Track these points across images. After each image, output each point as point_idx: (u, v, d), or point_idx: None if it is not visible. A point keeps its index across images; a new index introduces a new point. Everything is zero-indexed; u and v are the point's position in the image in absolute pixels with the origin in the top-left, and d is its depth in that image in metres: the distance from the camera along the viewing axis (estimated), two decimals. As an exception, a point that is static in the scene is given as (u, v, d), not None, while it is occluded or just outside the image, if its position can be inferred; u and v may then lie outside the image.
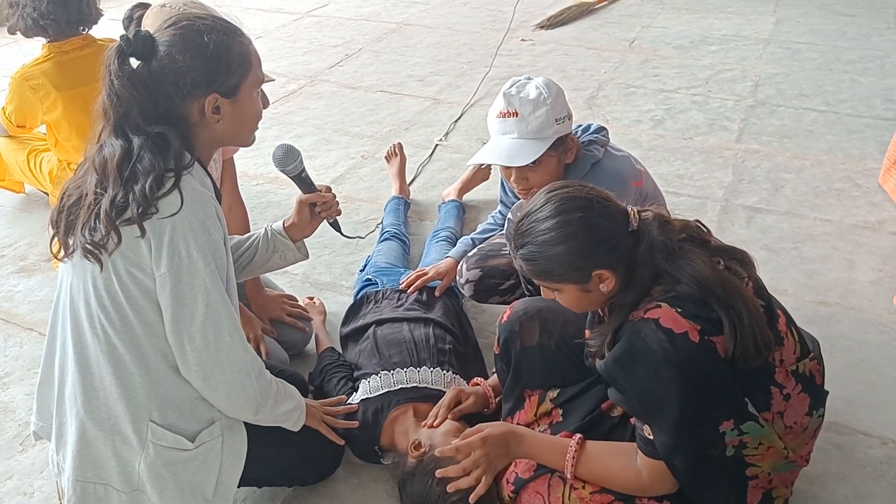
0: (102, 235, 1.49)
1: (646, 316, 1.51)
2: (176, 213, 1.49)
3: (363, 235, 2.87)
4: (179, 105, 1.55)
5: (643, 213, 1.60)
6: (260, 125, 1.72)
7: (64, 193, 1.61)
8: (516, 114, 2.06)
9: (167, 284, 1.51)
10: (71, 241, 1.57)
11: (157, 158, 1.50)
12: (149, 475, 1.63)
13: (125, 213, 1.48)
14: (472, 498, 1.72)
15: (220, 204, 1.66)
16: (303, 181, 2.01)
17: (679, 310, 1.49)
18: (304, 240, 2.04)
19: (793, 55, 4.81)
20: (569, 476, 1.68)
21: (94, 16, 2.92)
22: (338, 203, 2.05)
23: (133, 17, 2.29)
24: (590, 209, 1.55)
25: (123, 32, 2.30)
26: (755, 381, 1.56)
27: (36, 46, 2.99)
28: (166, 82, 1.52)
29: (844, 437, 2.11)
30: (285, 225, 2.01)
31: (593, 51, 4.97)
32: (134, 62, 1.52)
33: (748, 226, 3.06)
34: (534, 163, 2.06)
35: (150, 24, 2.16)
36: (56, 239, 1.61)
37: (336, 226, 2.09)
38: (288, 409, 1.78)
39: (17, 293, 2.80)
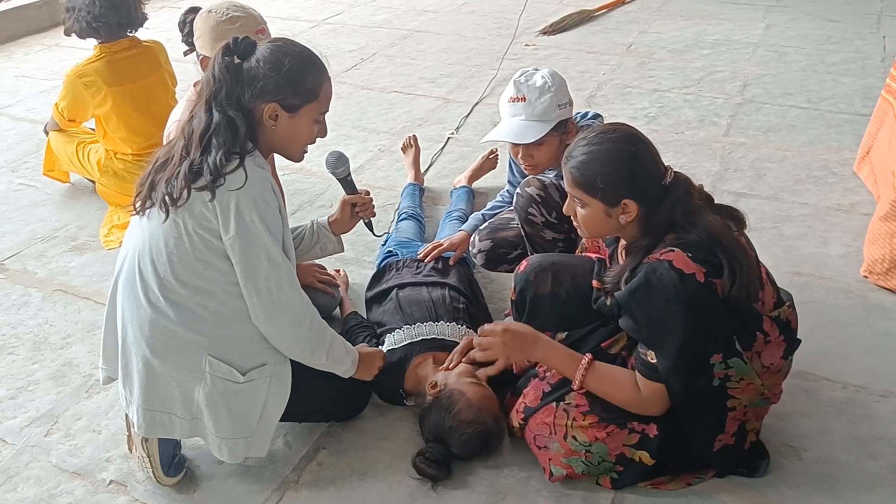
0: (178, 191, 1.81)
1: (661, 258, 1.78)
2: (241, 188, 1.81)
3: (389, 231, 3.17)
4: (251, 101, 1.88)
5: (677, 174, 1.87)
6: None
7: (155, 159, 1.94)
8: (524, 98, 2.36)
9: (236, 245, 1.83)
10: (152, 196, 1.88)
11: (229, 137, 1.83)
12: (206, 403, 1.91)
13: (199, 179, 1.80)
14: (480, 374, 2.10)
15: None
16: (348, 184, 2.38)
17: (689, 254, 1.76)
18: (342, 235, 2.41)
19: (780, 57, 5.11)
20: (576, 385, 1.95)
21: (141, 19, 3.24)
22: (374, 206, 2.41)
23: (186, 21, 2.62)
24: (645, 151, 1.84)
25: (179, 33, 2.65)
26: (744, 324, 1.83)
27: (70, 52, 3.28)
28: (248, 80, 1.87)
29: (811, 382, 2.39)
30: (329, 220, 2.38)
31: (593, 54, 5.28)
32: (236, 59, 1.87)
33: (733, 208, 3.35)
34: (538, 142, 2.37)
35: (199, 26, 2.47)
36: (139, 197, 1.92)
37: (370, 226, 2.47)
38: (341, 359, 2.08)
39: (72, 268, 3.11)
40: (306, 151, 2.04)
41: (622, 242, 2.00)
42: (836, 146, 3.89)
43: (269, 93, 1.87)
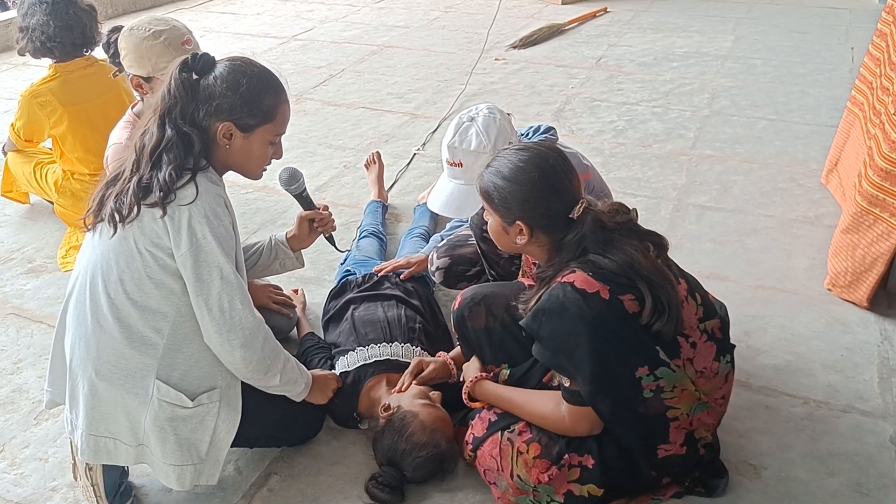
0: (127, 207, 1.78)
1: (563, 280, 1.74)
2: (192, 203, 1.78)
3: (351, 248, 3.13)
4: (205, 119, 1.85)
5: (588, 209, 1.80)
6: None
7: (107, 175, 1.91)
8: (461, 164, 2.30)
9: (188, 262, 1.79)
10: (101, 212, 1.85)
11: (181, 153, 1.81)
12: (153, 428, 1.87)
13: (150, 195, 1.77)
14: (433, 395, 2.16)
15: None
16: (304, 199, 2.33)
17: (591, 273, 1.73)
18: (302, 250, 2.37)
19: (748, 69, 5.13)
20: (464, 398, 2.05)
21: (97, 39, 3.19)
22: (333, 220, 2.37)
23: (110, 42, 2.58)
24: (547, 176, 1.80)
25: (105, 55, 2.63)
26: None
27: (36, 71, 3.25)
28: (203, 98, 1.84)
29: (772, 398, 2.36)
30: (287, 236, 2.33)
31: (562, 68, 5.28)
32: (194, 76, 1.85)
33: (697, 222, 3.33)
34: None
35: (123, 45, 2.44)
36: (89, 212, 1.90)
37: (331, 240, 2.42)
38: (294, 381, 2.04)
39: (27, 291, 3.05)
40: (265, 170, 2.02)
41: None
42: (802, 158, 3.89)
43: (225, 112, 1.85)
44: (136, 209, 1.78)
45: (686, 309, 1.81)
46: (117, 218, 1.79)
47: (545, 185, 1.79)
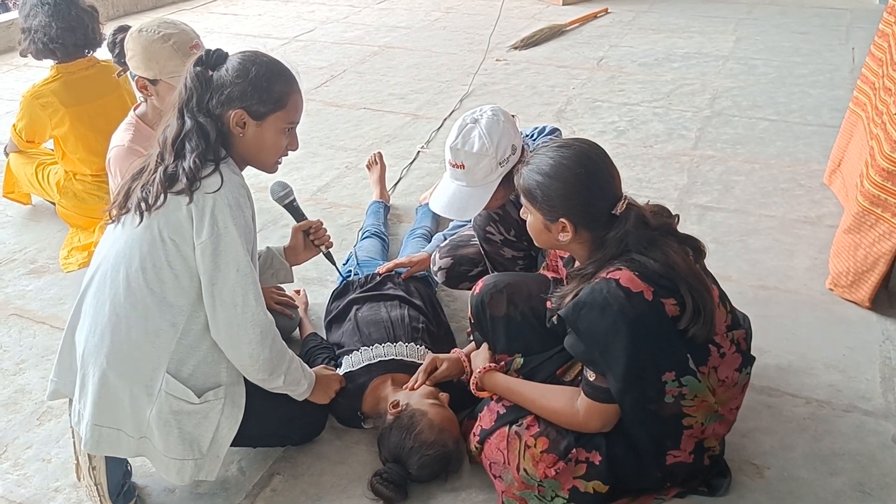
0: (154, 196, 1.81)
1: (608, 276, 1.74)
2: (217, 191, 1.80)
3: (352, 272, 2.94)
4: (218, 108, 1.88)
5: (630, 206, 1.80)
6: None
7: (132, 169, 1.94)
8: (463, 166, 2.27)
9: (207, 250, 1.80)
10: (128, 203, 1.88)
11: (202, 142, 1.84)
12: (157, 421, 1.88)
13: (176, 183, 1.80)
14: (442, 396, 2.15)
15: None
16: (294, 210, 2.39)
17: (637, 273, 1.72)
18: (294, 267, 2.39)
19: (749, 70, 5.13)
20: (472, 388, 2.04)
21: (98, 40, 3.20)
22: (329, 234, 2.40)
23: (116, 41, 2.58)
24: (592, 174, 1.79)
25: (110, 54, 2.66)
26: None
27: (38, 72, 3.25)
28: (216, 88, 1.88)
29: (774, 398, 2.36)
30: (284, 248, 2.35)
31: (563, 69, 5.28)
32: (208, 70, 1.89)
33: (699, 222, 3.33)
34: None
35: (130, 46, 2.44)
36: (114, 205, 1.93)
37: (330, 258, 2.44)
38: (298, 381, 2.06)
39: (29, 292, 3.06)
40: (280, 163, 2.03)
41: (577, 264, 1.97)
42: (803, 158, 3.89)
43: (236, 99, 1.87)
44: (162, 197, 1.81)
45: (717, 315, 1.81)
46: (143, 206, 1.82)
47: (589, 181, 1.79)
